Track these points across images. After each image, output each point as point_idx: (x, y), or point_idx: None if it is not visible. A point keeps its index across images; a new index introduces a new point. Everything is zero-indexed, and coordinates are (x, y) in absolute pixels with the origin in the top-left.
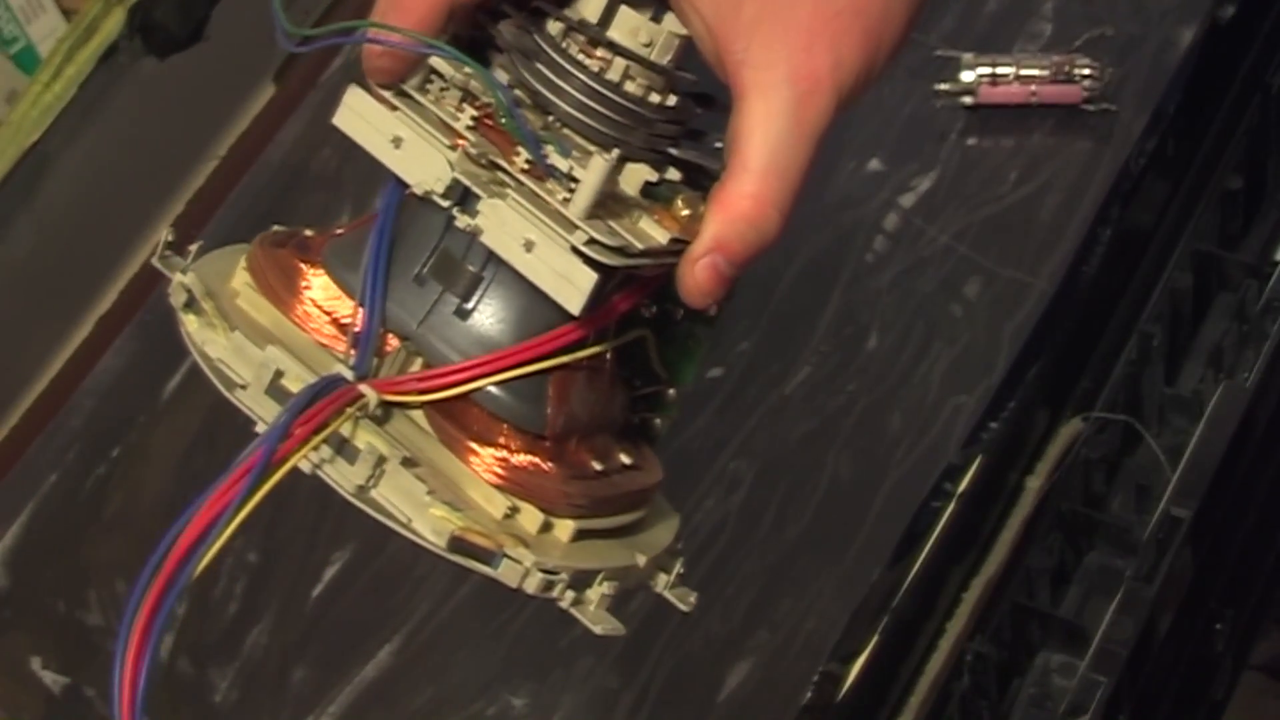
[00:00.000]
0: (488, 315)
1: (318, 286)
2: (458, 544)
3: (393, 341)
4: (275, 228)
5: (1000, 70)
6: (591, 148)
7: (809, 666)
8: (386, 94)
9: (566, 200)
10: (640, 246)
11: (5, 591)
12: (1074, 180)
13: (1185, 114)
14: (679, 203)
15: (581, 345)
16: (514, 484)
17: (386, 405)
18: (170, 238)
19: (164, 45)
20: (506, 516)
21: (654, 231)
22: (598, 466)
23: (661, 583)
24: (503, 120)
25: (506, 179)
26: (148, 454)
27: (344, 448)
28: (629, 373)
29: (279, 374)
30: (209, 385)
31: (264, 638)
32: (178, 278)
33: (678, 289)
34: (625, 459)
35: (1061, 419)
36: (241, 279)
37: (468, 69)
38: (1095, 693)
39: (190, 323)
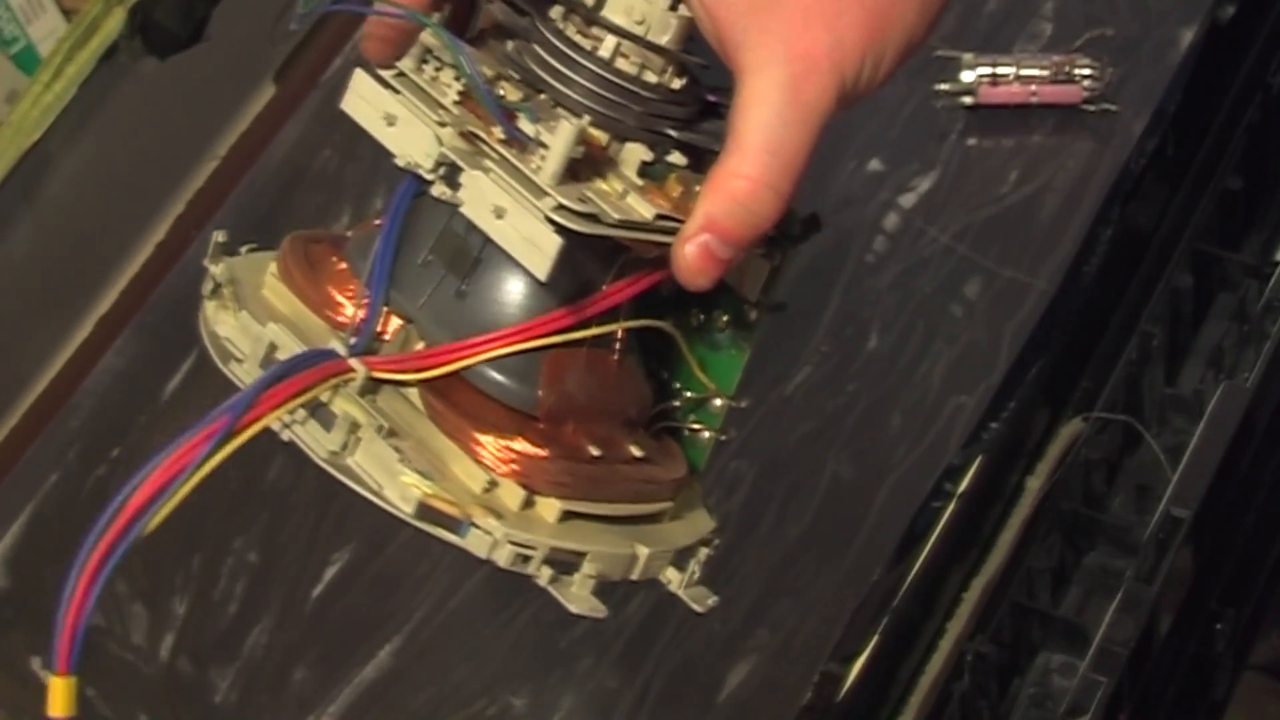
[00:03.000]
0: (483, 296)
1: (338, 275)
2: (425, 511)
3: (397, 324)
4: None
5: (1000, 70)
6: (571, 119)
7: (809, 666)
8: (387, 75)
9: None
10: (616, 217)
11: (5, 591)
12: (1074, 180)
13: (1185, 114)
14: (671, 180)
15: (578, 329)
16: (497, 460)
17: (378, 383)
18: (222, 239)
19: (164, 45)
20: (485, 490)
21: (640, 207)
22: (595, 452)
23: (675, 581)
24: (464, 86)
25: (490, 151)
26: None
27: (321, 414)
28: (665, 375)
29: (273, 348)
30: (209, 386)
31: (264, 638)
32: (209, 268)
33: (672, 269)
34: (635, 451)
35: (1061, 419)
36: (271, 270)
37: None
38: (1095, 693)
39: (208, 307)
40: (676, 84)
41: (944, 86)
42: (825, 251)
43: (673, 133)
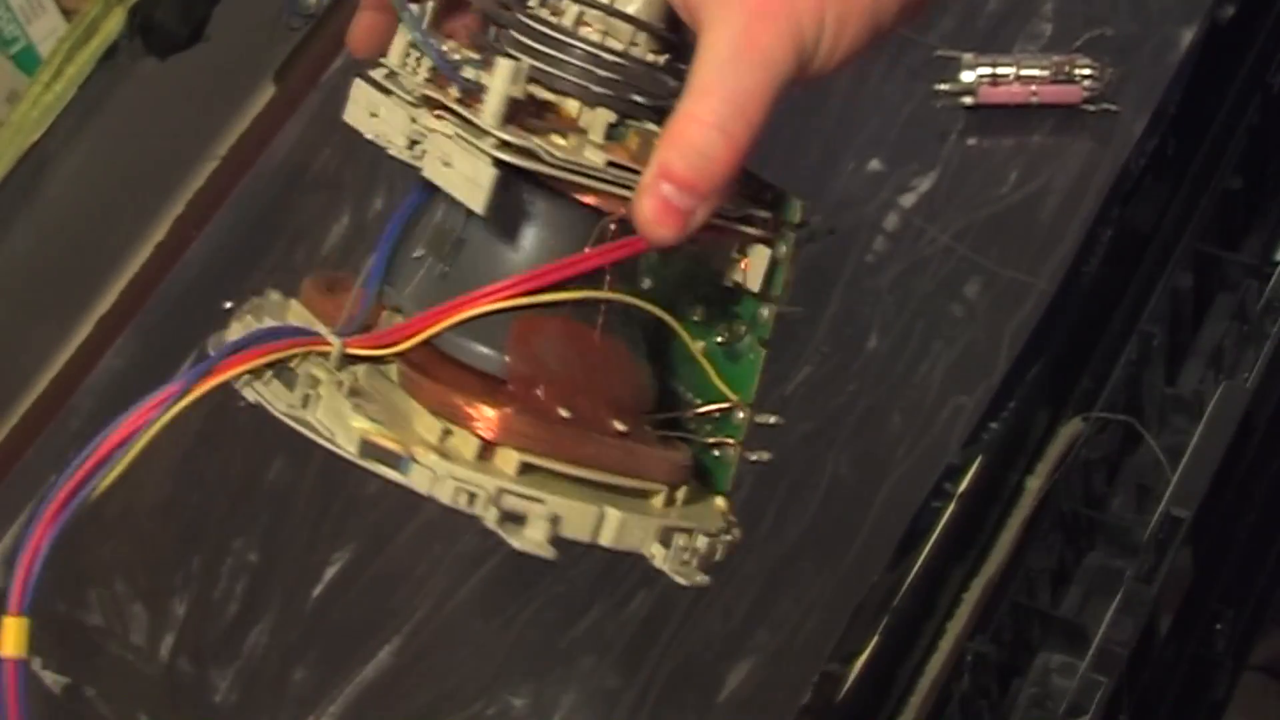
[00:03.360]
0: (462, 273)
1: (351, 289)
2: (368, 448)
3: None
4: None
5: (1000, 70)
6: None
7: (809, 666)
8: (378, 77)
9: None
10: (559, 155)
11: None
12: (1074, 180)
13: (1185, 114)
14: (631, 134)
15: (549, 292)
16: (455, 411)
17: (354, 359)
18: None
19: (164, 45)
20: (440, 440)
21: (592, 155)
22: (565, 414)
23: (660, 556)
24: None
25: (447, 113)
26: (148, 454)
27: (285, 375)
28: (673, 382)
29: None
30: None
31: (264, 638)
32: (244, 306)
33: (635, 225)
34: (619, 425)
35: (1061, 419)
36: (296, 301)
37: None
38: (1095, 693)
39: (229, 328)
40: (651, 58)
41: (944, 86)
42: (825, 251)
43: (639, 98)
